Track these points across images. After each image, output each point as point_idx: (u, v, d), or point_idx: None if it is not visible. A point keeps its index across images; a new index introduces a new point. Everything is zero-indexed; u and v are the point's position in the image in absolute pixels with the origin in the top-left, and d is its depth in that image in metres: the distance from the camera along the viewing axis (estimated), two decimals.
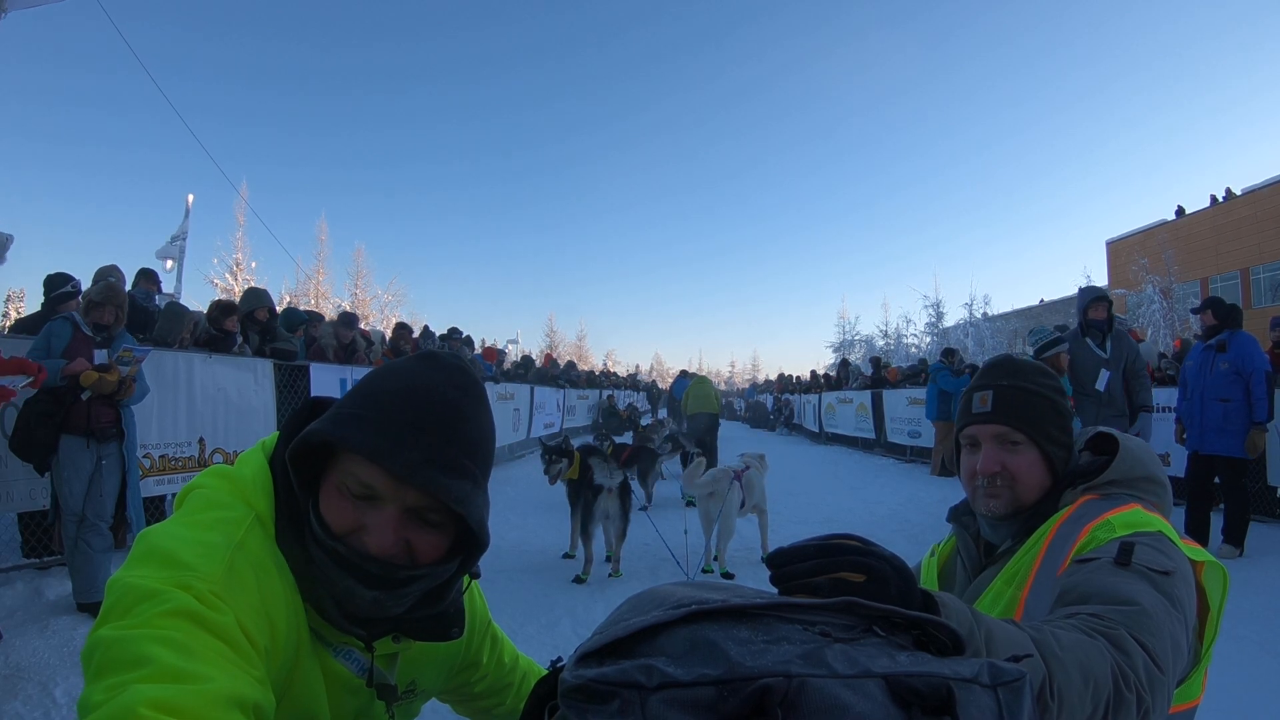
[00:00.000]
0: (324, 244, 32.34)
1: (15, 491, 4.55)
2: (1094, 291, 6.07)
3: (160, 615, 0.69)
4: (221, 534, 0.81)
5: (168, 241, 11.16)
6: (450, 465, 0.83)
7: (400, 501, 0.84)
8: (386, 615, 0.89)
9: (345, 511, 0.84)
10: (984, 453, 1.26)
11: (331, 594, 0.86)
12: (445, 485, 0.82)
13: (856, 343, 40.53)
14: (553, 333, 51.95)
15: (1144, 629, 0.92)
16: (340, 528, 0.84)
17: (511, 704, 1.35)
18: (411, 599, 0.89)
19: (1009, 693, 0.53)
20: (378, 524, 0.84)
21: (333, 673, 0.92)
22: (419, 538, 0.86)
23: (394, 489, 0.83)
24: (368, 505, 0.84)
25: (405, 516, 0.85)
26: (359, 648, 0.94)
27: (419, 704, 1.13)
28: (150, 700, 0.60)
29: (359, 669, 0.94)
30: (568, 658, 0.59)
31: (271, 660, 0.80)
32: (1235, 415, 5.45)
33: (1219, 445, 5.51)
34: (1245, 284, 26.34)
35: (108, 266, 5.40)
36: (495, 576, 4.94)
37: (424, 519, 0.86)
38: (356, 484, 0.83)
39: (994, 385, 1.28)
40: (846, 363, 21.66)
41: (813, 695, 0.46)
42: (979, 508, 1.28)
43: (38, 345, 4.01)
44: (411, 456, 0.81)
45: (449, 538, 0.89)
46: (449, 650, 1.13)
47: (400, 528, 0.84)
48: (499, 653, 1.29)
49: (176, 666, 0.64)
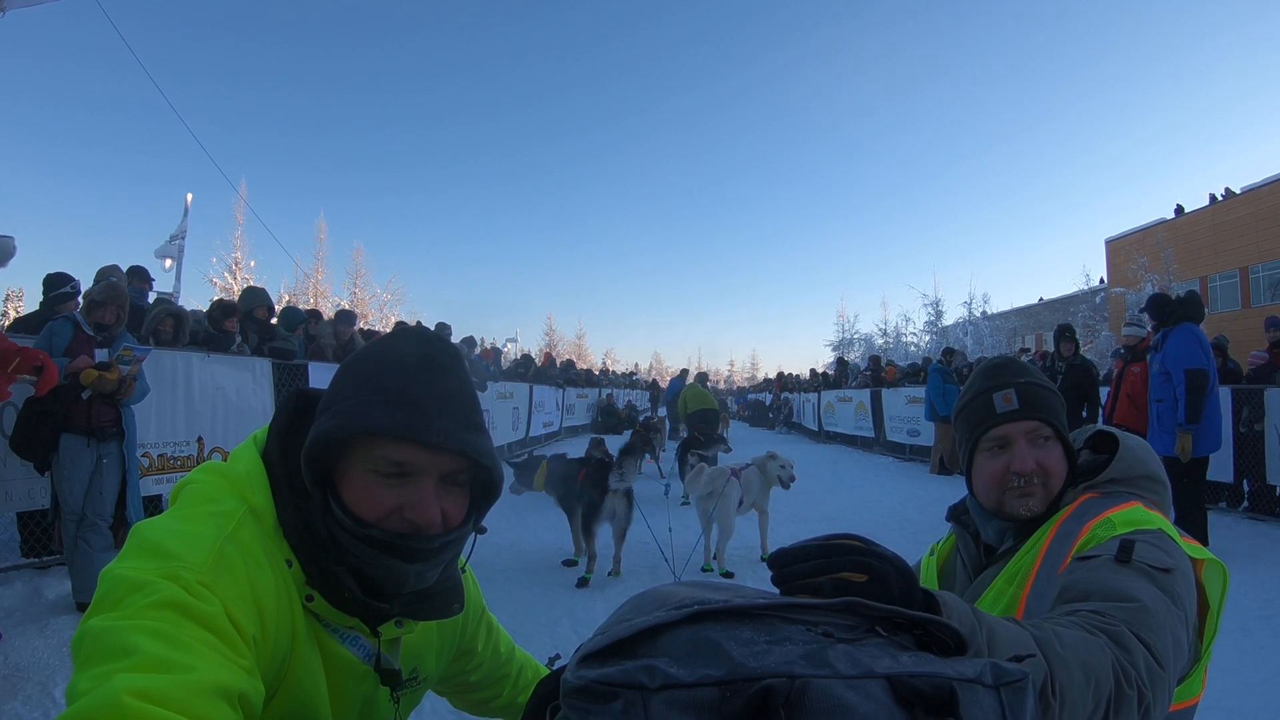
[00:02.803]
0: (323, 243, 32.32)
1: (14, 491, 4.54)
2: None
3: (148, 606, 0.70)
4: (212, 526, 0.82)
5: (166, 241, 11.12)
6: (472, 424, 0.88)
7: (436, 471, 0.87)
8: (423, 587, 0.91)
9: (380, 496, 0.85)
10: (1018, 451, 1.22)
11: (363, 581, 0.88)
12: (475, 443, 0.87)
13: (855, 341, 40.49)
14: (552, 332, 51.99)
15: (1145, 626, 0.92)
16: (375, 514, 0.85)
17: (509, 696, 1.34)
18: (443, 565, 0.92)
19: (1012, 693, 0.53)
20: (418, 498, 0.86)
21: (338, 659, 0.92)
22: (449, 501, 0.89)
23: (429, 460, 0.86)
24: (402, 482, 0.86)
25: (439, 485, 0.88)
26: (365, 633, 0.95)
27: (421, 693, 1.13)
28: (134, 689, 0.61)
29: (365, 655, 0.95)
30: (568, 657, 0.59)
31: (262, 649, 0.80)
32: (1166, 416, 5.45)
33: (1160, 446, 5.48)
34: (1244, 283, 26.33)
35: (109, 267, 5.40)
36: (495, 576, 4.94)
37: (453, 480, 0.89)
38: (389, 464, 0.85)
39: (1014, 383, 1.25)
40: (844, 362, 21.67)
41: (816, 696, 0.46)
42: (1012, 509, 1.22)
43: (39, 345, 4.00)
44: (441, 425, 0.84)
45: (468, 495, 0.93)
46: (448, 636, 1.14)
47: (438, 496, 0.88)
48: (495, 641, 1.30)
49: (161, 656, 0.65)
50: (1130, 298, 27.90)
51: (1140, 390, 6.46)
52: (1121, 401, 6.57)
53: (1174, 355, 5.38)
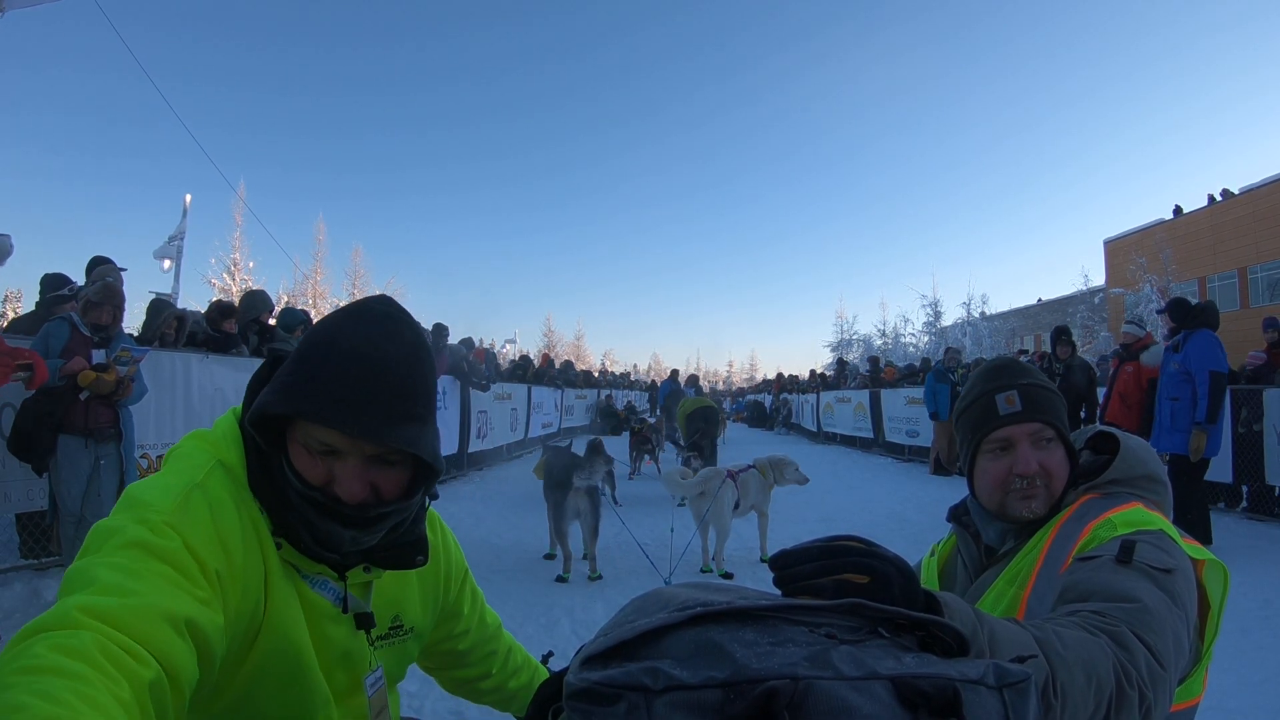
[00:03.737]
0: (321, 244, 32.38)
1: (13, 492, 4.54)
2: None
3: (116, 547, 0.78)
4: (183, 477, 0.90)
5: (165, 242, 11.12)
6: (396, 416, 0.91)
7: (360, 453, 0.93)
8: (363, 548, 0.98)
9: (314, 467, 0.93)
10: (1020, 453, 1.22)
11: (312, 534, 0.94)
12: (395, 434, 0.91)
13: (854, 342, 40.51)
14: (550, 332, 51.95)
15: (1146, 626, 0.92)
16: (314, 480, 0.93)
17: (499, 677, 1.37)
18: (384, 531, 0.98)
19: (1015, 694, 0.53)
20: (345, 476, 0.92)
21: (311, 603, 0.99)
22: (382, 478, 0.95)
23: (352, 445, 0.92)
24: (333, 459, 0.93)
25: (367, 463, 0.93)
26: (332, 577, 1.01)
27: (412, 647, 1.16)
28: (83, 606, 0.68)
29: (335, 598, 1.01)
30: (568, 657, 0.59)
31: (230, 582, 0.87)
32: (1181, 414, 5.50)
33: (1168, 444, 5.55)
34: (1243, 283, 26.36)
35: (103, 262, 5.36)
36: (493, 576, 4.94)
37: (385, 460, 0.95)
38: (317, 443, 0.92)
39: (1016, 385, 1.25)
40: (844, 363, 21.68)
41: (819, 697, 0.46)
42: (1015, 511, 1.22)
43: (36, 346, 3.99)
44: (365, 417, 0.89)
45: (409, 472, 0.98)
46: (429, 587, 1.18)
47: (364, 474, 0.93)
48: (480, 609, 1.34)
49: (115, 583, 0.73)
50: (1129, 298, 27.95)
51: (1132, 389, 6.48)
52: (1113, 400, 6.59)
53: (1196, 356, 5.43)
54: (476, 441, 10.68)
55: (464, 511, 7.51)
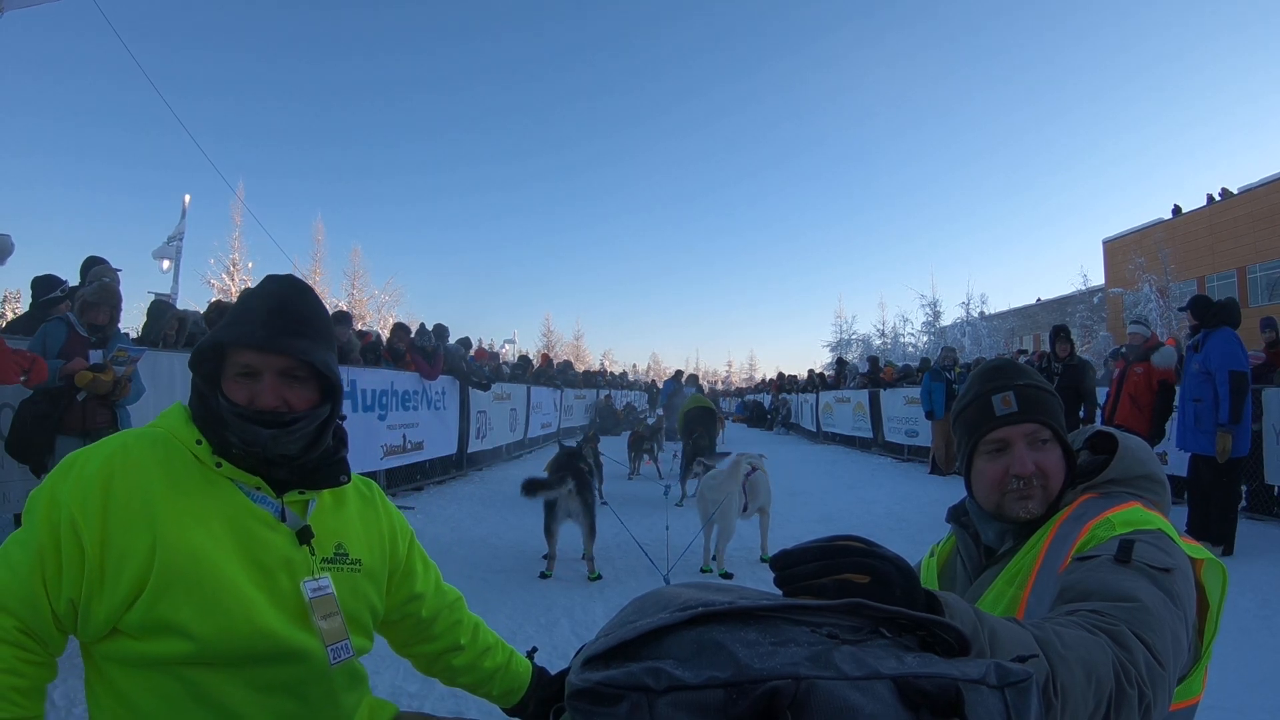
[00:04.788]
0: (320, 244, 32.33)
1: (12, 493, 4.52)
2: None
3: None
4: (103, 447, 1.14)
5: (164, 242, 11.11)
6: (292, 332, 1.18)
7: (271, 369, 1.18)
8: (286, 452, 1.19)
9: (241, 390, 1.17)
10: (1017, 454, 1.22)
11: (241, 439, 1.17)
12: (292, 345, 1.17)
13: (853, 342, 40.54)
14: (550, 333, 51.87)
15: (1145, 625, 0.92)
16: (239, 400, 1.17)
17: (471, 654, 1.44)
18: (301, 437, 1.20)
19: (1016, 693, 0.53)
20: (262, 390, 1.17)
21: (249, 511, 1.17)
22: (292, 393, 1.19)
23: (262, 360, 1.17)
24: (252, 381, 1.18)
25: (279, 379, 1.18)
26: (269, 493, 1.20)
27: (364, 584, 1.28)
28: None
29: (274, 511, 1.20)
30: (569, 657, 0.59)
31: (112, 531, 1.07)
32: (1205, 415, 5.42)
33: (1194, 444, 5.50)
34: (1242, 283, 26.40)
35: (99, 263, 5.34)
36: (492, 577, 4.94)
37: (294, 377, 1.19)
38: (240, 367, 1.17)
39: (1012, 386, 1.25)
40: (843, 363, 21.68)
41: (822, 697, 0.46)
42: (1012, 512, 1.23)
43: (33, 347, 3.99)
44: (266, 332, 1.16)
45: (316, 390, 1.23)
46: (371, 528, 1.34)
47: (277, 388, 1.18)
48: (435, 578, 1.47)
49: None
50: (1128, 298, 27.99)
51: (1143, 391, 6.44)
52: (1123, 401, 6.54)
53: (1217, 356, 5.35)
54: (476, 442, 10.67)
55: (464, 511, 7.50)
